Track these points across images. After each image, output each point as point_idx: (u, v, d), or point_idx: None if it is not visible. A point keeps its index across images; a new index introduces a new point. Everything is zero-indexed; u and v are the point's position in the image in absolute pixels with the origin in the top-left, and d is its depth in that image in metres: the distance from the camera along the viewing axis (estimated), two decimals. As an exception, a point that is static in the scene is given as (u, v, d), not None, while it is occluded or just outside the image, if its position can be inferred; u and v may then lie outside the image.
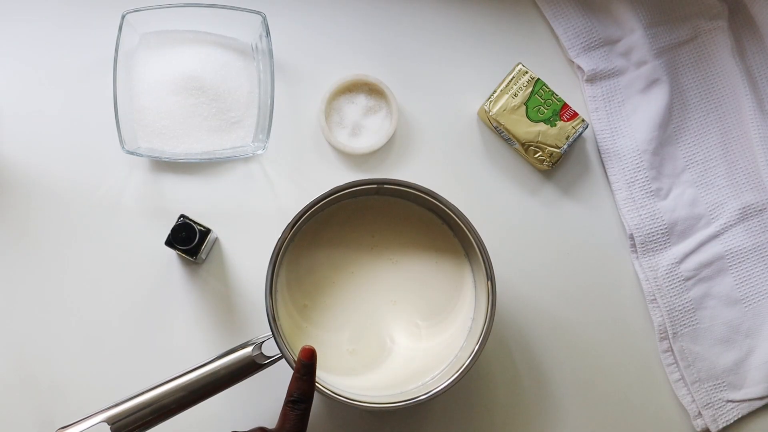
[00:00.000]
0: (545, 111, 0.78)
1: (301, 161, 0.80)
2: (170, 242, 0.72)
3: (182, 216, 0.73)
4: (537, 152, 0.78)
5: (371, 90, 0.79)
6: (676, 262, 0.79)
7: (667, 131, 0.81)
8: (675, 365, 0.79)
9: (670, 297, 0.79)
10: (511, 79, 0.78)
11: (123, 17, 0.75)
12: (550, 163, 0.78)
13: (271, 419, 0.77)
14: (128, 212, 0.78)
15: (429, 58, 0.81)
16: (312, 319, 0.73)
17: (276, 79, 0.77)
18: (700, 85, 0.82)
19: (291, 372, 0.66)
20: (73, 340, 0.76)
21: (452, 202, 0.70)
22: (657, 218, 0.80)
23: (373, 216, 0.74)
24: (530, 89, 0.78)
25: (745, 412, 0.79)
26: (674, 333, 0.79)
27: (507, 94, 0.78)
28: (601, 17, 0.82)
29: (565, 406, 0.79)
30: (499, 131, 0.79)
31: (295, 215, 0.69)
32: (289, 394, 0.63)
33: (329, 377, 0.70)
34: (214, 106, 0.77)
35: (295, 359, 0.66)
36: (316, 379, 0.66)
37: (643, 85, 0.81)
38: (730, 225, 0.80)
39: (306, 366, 0.63)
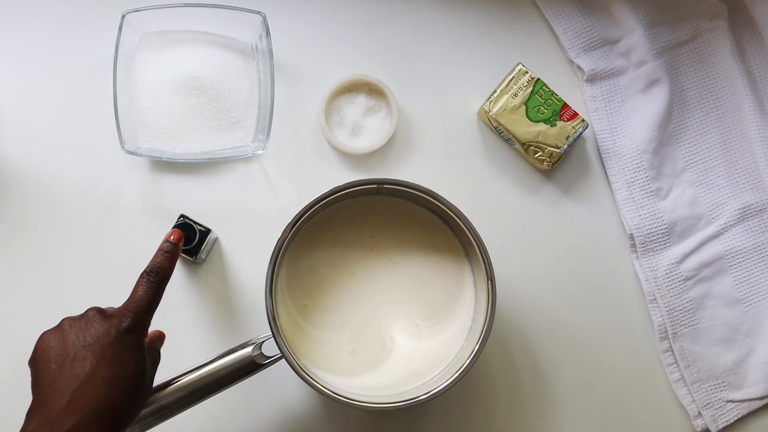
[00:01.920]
0: (545, 111, 0.78)
1: (301, 161, 0.80)
2: (170, 242, 0.72)
3: (182, 216, 0.73)
4: (537, 152, 0.78)
5: (371, 90, 0.79)
6: (676, 262, 0.79)
7: (667, 131, 0.81)
8: (675, 365, 0.79)
9: (670, 297, 0.79)
10: (511, 79, 0.78)
11: (123, 17, 0.75)
12: (550, 163, 0.78)
13: (272, 419, 0.77)
14: (128, 212, 0.78)
15: (429, 58, 0.81)
16: (312, 319, 0.73)
17: (276, 79, 0.77)
18: (700, 85, 0.82)
19: (291, 372, 0.66)
20: (73, 340, 0.76)
21: (452, 202, 0.70)
22: (657, 218, 0.80)
23: (373, 216, 0.74)
24: (530, 89, 0.78)
25: (745, 412, 0.79)
26: (674, 333, 0.79)
27: (507, 94, 0.78)
28: (601, 17, 0.82)
29: (565, 406, 0.79)
30: (499, 131, 0.79)
31: (295, 215, 0.69)
32: (149, 266, 0.63)
33: (329, 377, 0.70)
34: (214, 106, 0.77)
35: (294, 358, 0.66)
36: (316, 379, 0.67)
37: (643, 85, 0.81)
38: (730, 225, 0.80)
39: (171, 245, 0.65)
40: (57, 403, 0.55)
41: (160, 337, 0.68)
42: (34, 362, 0.59)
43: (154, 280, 0.62)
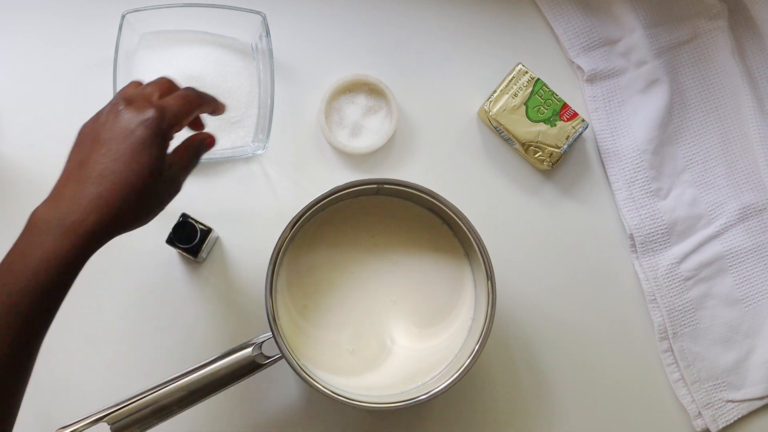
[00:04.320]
0: (545, 111, 0.78)
1: (301, 161, 0.80)
2: (171, 241, 0.72)
3: (183, 215, 0.73)
4: (537, 152, 0.78)
5: (371, 90, 0.79)
6: (676, 262, 0.79)
7: (667, 131, 0.81)
8: (675, 365, 0.79)
9: (670, 297, 0.79)
10: (511, 79, 0.78)
11: (123, 17, 0.75)
12: (550, 163, 0.78)
13: (272, 419, 0.77)
14: (128, 212, 0.78)
15: (429, 58, 0.81)
16: (312, 319, 0.73)
17: (276, 79, 0.77)
18: (700, 85, 0.82)
19: (291, 372, 0.66)
20: (73, 339, 0.76)
21: (452, 202, 0.70)
22: (657, 218, 0.80)
23: (373, 216, 0.74)
24: (530, 89, 0.78)
25: (745, 412, 0.79)
26: (674, 333, 0.79)
27: (507, 94, 0.78)
28: (601, 17, 0.82)
29: (565, 406, 0.79)
30: (499, 131, 0.79)
31: (295, 215, 0.69)
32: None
33: (329, 377, 0.70)
34: (214, 106, 0.77)
35: (294, 358, 0.66)
36: (316, 379, 0.67)
37: (643, 85, 0.81)
38: (730, 225, 0.80)
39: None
40: (65, 192, 0.59)
41: (206, 142, 0.64)
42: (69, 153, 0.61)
43: (196, 98, 0.59)
